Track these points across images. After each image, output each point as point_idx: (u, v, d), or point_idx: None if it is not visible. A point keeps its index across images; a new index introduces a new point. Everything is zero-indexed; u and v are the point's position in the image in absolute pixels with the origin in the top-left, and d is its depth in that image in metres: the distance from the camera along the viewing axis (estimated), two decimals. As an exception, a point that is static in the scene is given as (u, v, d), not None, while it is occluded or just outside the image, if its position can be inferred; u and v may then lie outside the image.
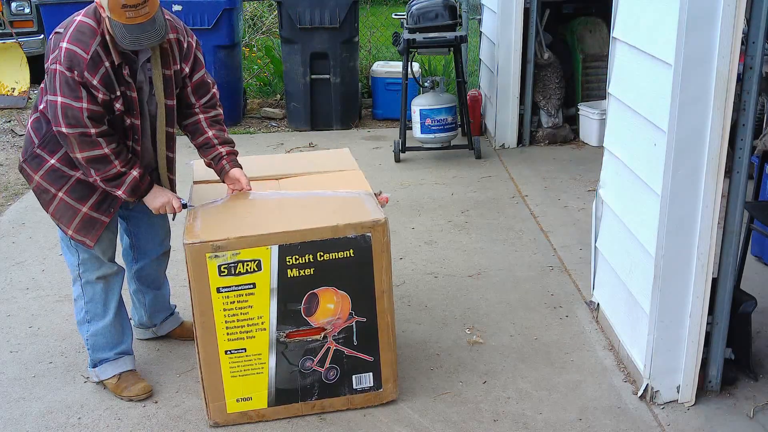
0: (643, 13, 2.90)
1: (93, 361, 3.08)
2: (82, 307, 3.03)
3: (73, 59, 2.61)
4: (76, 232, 2.88)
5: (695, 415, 2.86)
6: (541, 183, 5.38)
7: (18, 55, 7.91)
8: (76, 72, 2.61)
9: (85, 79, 2.62)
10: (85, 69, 2.62)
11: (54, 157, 2.82)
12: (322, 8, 6.43)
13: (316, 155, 3.95)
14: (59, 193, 2.85)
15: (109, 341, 3.06)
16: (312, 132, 6.79)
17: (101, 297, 3.01)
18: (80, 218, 2.87)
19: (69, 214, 2.87)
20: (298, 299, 2.75)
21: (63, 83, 2.61)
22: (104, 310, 3.02)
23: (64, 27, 2.70)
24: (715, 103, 2.56)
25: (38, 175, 2.86)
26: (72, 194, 2.85)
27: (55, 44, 2.65)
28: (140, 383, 3.07)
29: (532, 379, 3.12)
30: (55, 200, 2.86)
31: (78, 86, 2.62)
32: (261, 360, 2.79)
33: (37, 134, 2.84)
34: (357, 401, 2.92)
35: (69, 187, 2.84)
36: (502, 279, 3.98)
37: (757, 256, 4.07)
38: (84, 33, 2.64)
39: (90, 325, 3.03)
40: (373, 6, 10.70)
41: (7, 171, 5.98)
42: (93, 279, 2.98)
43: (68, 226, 2.88)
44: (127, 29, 2.58)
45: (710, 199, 2.67)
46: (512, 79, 6.07)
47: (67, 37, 2.63)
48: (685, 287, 2.79)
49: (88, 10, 2.70)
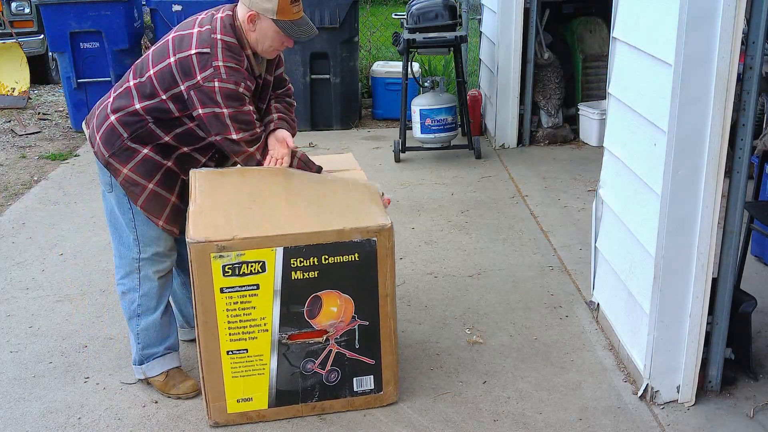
0: (643, 13, 2.90)
1: (141, 357, 3.07)
2: (134, 300, 3.02)
3: (236, 74, 2.77)
4: (167, 222, 2.95)
5: (695, 415, 2.86)
6: (541, 183, 5.38)
7: (18, 55, 7.91)
8: (241, 84, 2.78)
9: (247, 89, 2.81)
10: (247, 79, 2.81)
11: (147, 148, 2.88)
12: (322, 8, 6.43)
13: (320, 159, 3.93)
14: (149, 184, 2.90)
15: (159, 335, 3.06)
16: (312, 132, 6.79)
17: (156, 292, 3.02)
18: (170, 208, 2.95)
19: (160, 205, 2.93)
20: (301, 301, 2.75)
21: (227, 97, 2.76)
22: (157, 303, 3.03)
23: (206, 46, 2.77)
24: (715, 103, 2.56)
25: (128, 167, 2.89)
26: (163, 185, 2.92)
27: (204, 63, 2.75)
28: (188, 381, 3.07)
29: (532, 379, 3.12)
30: (145, 192, 2.90)
31: (242, 96, 2.80)
32: (262, 361, 2.79)
33: (127, 129, 2.88)
34: (357, 403, 2.92)
35: (160, 177, 2.92)
36: (502, 279, 3.98)
37: (757, 256, 4.07)
38: (233, 51, 2.79)
39: (140, 319, 3.03)
40: (373, 6, 10.70)
41: (7, 171, 5.98)
42: (152, 274, 3.00)
43: (159, 217, 2.93)
44: (296, 24, 2.82)
45: (710, 199, 2.67)
46: (512, 79, 6.08)
47: (220, 57, 2.76)
48: (685, 287, 2.79)
49: (224, 29, 2.80)
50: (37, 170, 6.00)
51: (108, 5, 6.51)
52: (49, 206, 5.18)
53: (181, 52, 2.79)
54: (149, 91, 2.85)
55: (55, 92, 8.63)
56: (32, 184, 5.65)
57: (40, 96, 8.47)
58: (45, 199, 5.31)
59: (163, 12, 6.54)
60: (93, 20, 6.53)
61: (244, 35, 2.83)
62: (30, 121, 7.44)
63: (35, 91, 8.65)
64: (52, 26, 6.54)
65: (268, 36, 2.83)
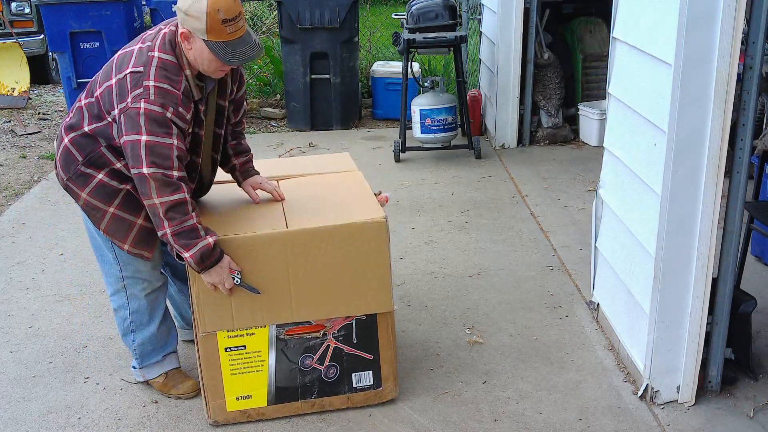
0: (643, 13, 2.90)
1: (140, 364, 3.04)
2: (126, 317, 2.94)
3: (166, 96, 2.50)
4: (134, 246, 2.76)
5: (695, 415, 2.86)
6: (541, 183, 5.38)
7: (18, 55, 7.91)
8: (170, 109, 2.49)
9: (179, 116, 2.52)
10: (179, 105, 2.52)
11: (101, 173, 2.69)
12: (322, 8, 6.43)
13: (317, 158, 3.94)
14: (110, 208, 2.73)
15: (156, 347, 3.01)
16: (312, 132, 6.79)
17: (147, 309, 2.93)
18: (137, 231, 2.75)
19: (124, 228, 2.75)
20: (298, 297, 2.76)
21: (150, 121, 2.47)
22: (150, 318, 2.95)
23: (141, 65, 2.54)
24: (715, 103, 2.56)
25: (85, 192, 2.72)
26: (124, 208, 2.73)
27: (135, 83, 2.51)
28: (188, 381, 3.05)
29: (532, 379, 3.12)
30: (106, 216, 2.73)
31: (170, 123, 2.50)
32: (261, 357, 2.79)
33: (81, 152, 2.70)
34: (357, 399, 2.92)
35: (120, 200, 2.73)
36: (502, 279, 3.98)
37: (757, 256, 4.07)
38: (169, 70, 2.54)
39: (135, 334, 2.96)
40: (373, 6, 10.70)
41: (7, 171, 5.99)
42: (138, 293, 2.90)
43: (124, 241, 2.75)
44: (230, 45, 2.50)
45: (710, 199, 2.67)
46: (512, 79, 6.08)
47: (152, 76, 2.51)
48: (685, 287, 2.79)
49: (163, 45, 2.57)
50: (37, 170, 6.00)
51: (108, 5, 6.51)
52: (49, 206, 5.18)
53: (120, 72, 2.57)
54: (96, 112, 2.65)
55: (55, 92, 8.63)
56: (32, 184, 5.65)
57: (40, 96, 8.47)
58: (45, 199, 5.31)
59: (163, 12, 6.54)
60: (93, 20, 6.54)
61: (184, 53, 2.57)
62: (30, 121, 7.44)
63: (35, 91, 8.65)
64: (52, 26, 6.54)
65: (204, 57, 2.54)
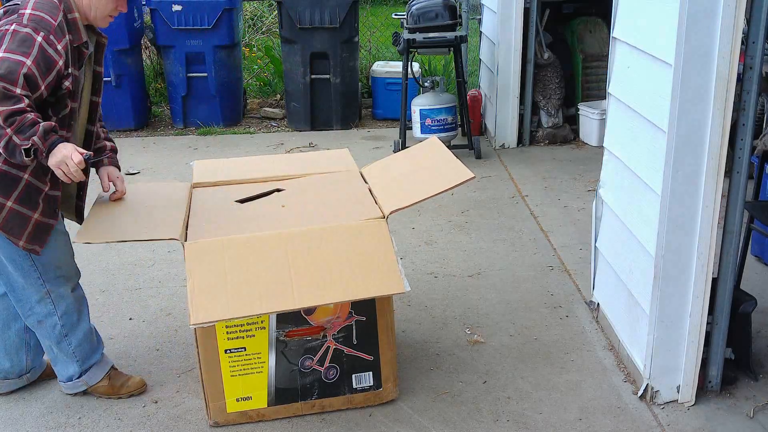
0: (643, 13, 2.90)
1: (81, 370, 2.98)
2: (55, 324, 2.86)
3: (40, 23, 2.49)
4: (28, 241, 2.65)
5: (695, 415, 2.86)
6: (541, 183, 5.38)
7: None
8: (41, 33, 2.46)
9: (49, 43, 2.48)
10: (52, 32, 2.50)
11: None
12: (322, 8, 6.43)
13: (316, 155, 3.95)
14: (8, 202, 2.59)
15: (93, 344, 2.99)
16: (312, 132, 6.79)
17: (74, 307, 2.89)
18: (32, 226, 2.65)
19: (19, 224, 2.63)
20: (298, 299, 2.75)
21: (14, 39, 2.43)
22: (79, 317, 2.92)
23: (20, 2, 2.56)
24: (715, 103, 2.56)
25: None
26: (23, 203, 2.62)
27: (11, 12, 2.52)
28: (134, 377, 3.07)
29: (532, 379, 3.12)
30: (3, 211, 2.59)
31: (37, 46, 2.44)
32: (261, 359, 2.79)
33: None
34: (357, 400, 2.92)
35: (19, 194, 2.60)
36: (502, 279, 3.98)
37: (757, 256, 4.07)
38: (46, 5, 2.54)
39: (69, 337, 2.91)
40: (373, 6, 10.70)
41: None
42: (65, 292, 2.85)
43: (19, 237, 2.63)
44: None
45: (710, 199, 2.67)
46: (512, 79, 6.08)
47: (29, 7, 2.52)
48: (685, 287, 2.79)
49: None
50: None
51: (108, 5, 6.50)
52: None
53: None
54: None
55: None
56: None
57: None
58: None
59: (163, 12, 6.53)
60: (93, 20, 6.53)
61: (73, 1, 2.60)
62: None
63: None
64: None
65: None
